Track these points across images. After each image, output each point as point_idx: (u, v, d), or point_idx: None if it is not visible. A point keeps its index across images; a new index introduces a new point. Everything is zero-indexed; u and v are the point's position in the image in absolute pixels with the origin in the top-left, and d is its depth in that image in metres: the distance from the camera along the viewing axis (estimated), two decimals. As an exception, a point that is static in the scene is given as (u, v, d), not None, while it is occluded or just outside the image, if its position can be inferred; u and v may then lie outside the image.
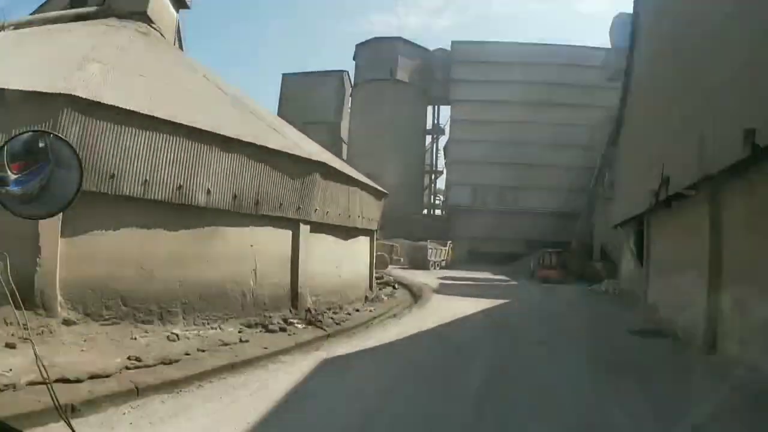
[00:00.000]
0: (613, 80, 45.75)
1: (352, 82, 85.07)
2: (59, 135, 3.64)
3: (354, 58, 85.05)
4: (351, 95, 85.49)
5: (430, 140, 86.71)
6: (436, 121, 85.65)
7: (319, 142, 52.35)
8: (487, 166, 67.89)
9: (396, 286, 28.15)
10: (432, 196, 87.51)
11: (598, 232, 48.61)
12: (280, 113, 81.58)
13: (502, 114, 68.13)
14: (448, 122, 74.85)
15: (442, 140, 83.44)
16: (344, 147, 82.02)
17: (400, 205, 62.45)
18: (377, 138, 74.90)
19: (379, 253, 35.20)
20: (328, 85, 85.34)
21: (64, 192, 3.29)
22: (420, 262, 49.45)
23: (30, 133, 3.59)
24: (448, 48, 75.87)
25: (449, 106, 75.04)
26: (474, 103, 70.49)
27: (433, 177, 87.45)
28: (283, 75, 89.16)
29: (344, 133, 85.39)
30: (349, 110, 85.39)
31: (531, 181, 67.35)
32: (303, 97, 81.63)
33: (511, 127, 67.40)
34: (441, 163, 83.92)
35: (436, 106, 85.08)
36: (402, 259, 47.79)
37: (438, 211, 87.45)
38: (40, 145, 3.22)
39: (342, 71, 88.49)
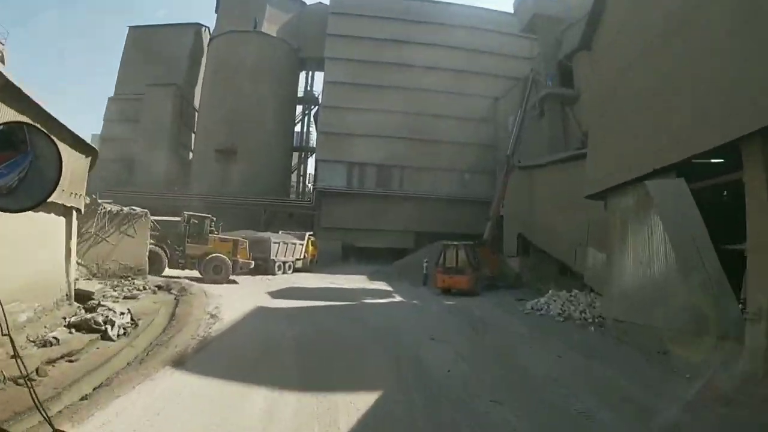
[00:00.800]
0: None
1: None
2: (37, 126, 3.45)
3: (216, 10, 69.92)
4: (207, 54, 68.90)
5: (301, 111, 70.64)
6: (309, 88, 69.19)
7: (161, 110, 38.41)
8: (367, 140, 54.65)
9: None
10: (301, 179, 70.93)
11: (513, 217, 36.70)
12: (123, 73, 68.10)
13: (387, 78, 56.21)
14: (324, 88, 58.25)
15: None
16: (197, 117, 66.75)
17: (262, 190, 55.75)
18: (233, 105, 59.89)
19: (153, 247, 29.06)
20: (179, 41, 70.38)
21: (42, 185, 3.23)
22: (261, 264, 34.15)
23: (7, 125, 3.50)
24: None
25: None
26: (354, 63, 56.90)
27: (303, 156, 70.96)
28: (130, 28, 73.28)
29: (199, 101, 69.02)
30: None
31: (422, 159, 54.97)
32: (150, 54, 67.52)
33: (397, 94, 55.44)
34: (314, 138, 67.73)
35: (311, 72, 68.84)
36: (253, 263, 32.36)
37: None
38: (19, 136, 3.16)
39: (199, 25, 73.43)
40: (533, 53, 51.30)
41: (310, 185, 65.40)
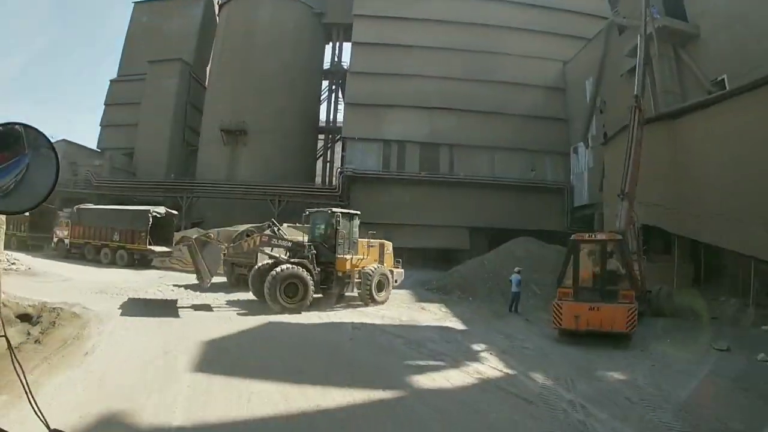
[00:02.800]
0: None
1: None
2: (34, 127, 2.91)
3: (227, -25, 57.78)
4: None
5: (327, 87, 57.62)
6: (336, 59, 56.78)
7: (165, 89, 29.33)
8: (406, 113, 43.06)
9: None
10: (328, 166, 58.65)
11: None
12: (127, 52, 61.07)
13: (429, 37, 44.09)
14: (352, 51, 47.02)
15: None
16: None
17: (277, 178, 44.18)
18: (243, 78, 48.80)
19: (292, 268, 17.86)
20: (188, 14, 60.42)
21: (39, 186, 2.89)
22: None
23: (4, 126, 2.97)
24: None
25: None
26: (388, 20, 45.32)
27: (330, 139, 58.43)
28: (135, 3, 63.57)
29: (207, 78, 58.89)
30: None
31: (476, 136, 43.18)
32: (156, 29, 59.48)
33: (443, 56, 43.62)
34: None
35: (339, 44, 56.12)
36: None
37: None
38: (15, 137, 2.83)
39: None
40: (605, 8, 39.30)
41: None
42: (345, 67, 53.78)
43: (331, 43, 56.79)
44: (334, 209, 20.87)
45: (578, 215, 39.71)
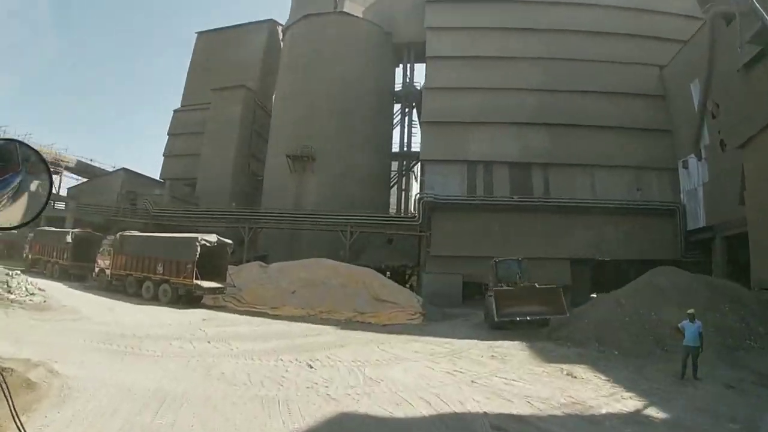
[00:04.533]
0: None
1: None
2: (28, 144, 3.15)
3: (290, -3, 54.55)
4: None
5: (400, 110, 51.82)
6: (407, 80, 50.91)
7: (229, 117, 31.40)
8: (491, 131, 37.16)
9: None
10: (404, 195, 52.79)
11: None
12: (190, 82, 59.83)
13: (512, 45, 38.65)
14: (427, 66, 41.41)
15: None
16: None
17: (355, 205, 39.18)
18: (310, 102, 43.70)
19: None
20: (251, 41, 57.38)
21: (32, 202, 3.07)
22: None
23: None
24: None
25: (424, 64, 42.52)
26: (464, 31, 40.16)
27: (404, 165, 52.31)
28: (198, 34, 62.72)
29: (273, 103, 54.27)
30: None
31: (571, 153, 36.23)
32: (219, 58, 57.31)
33: (528, 66, 37.95)
34: (418, 141, 50.16)
35: (409, 64, 50.32)
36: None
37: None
38: (9, 154, 3.03)
39: (273, 22, 59.31)
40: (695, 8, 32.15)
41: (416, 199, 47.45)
42: (417, 88, 48.46)
43: (401, 65, 51.01)
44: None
45: (693, 240, 32.65)
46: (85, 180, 51.30)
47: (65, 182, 51.83)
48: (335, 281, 25.38)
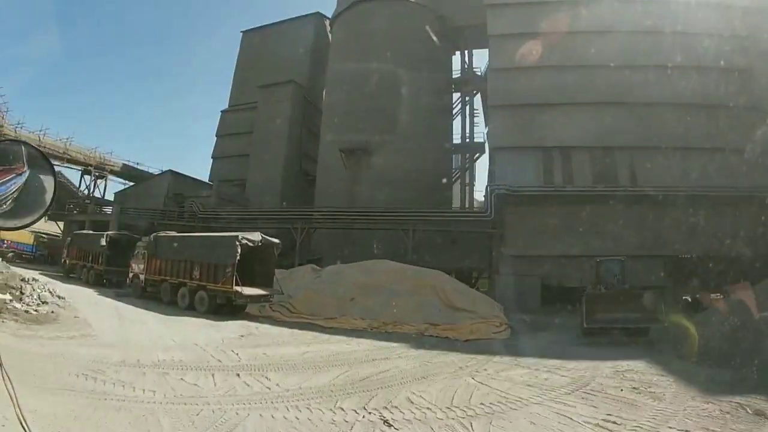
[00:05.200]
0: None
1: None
2: (33, 145, 3.38)
3: (337, -13, 51.44)
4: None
5: (460, 99, 47.50)
6: (466, 67, 46.75)
7: (279, 111, 28.88)
8: (567, 112, 32.16)
9: None
10: (467, 190, 48.22)
11: None
12: (237, 82, 57.41)
13: (586, 20, 33.08)
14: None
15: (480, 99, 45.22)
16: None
17: (415, 202, 34.98)
18: (362, 93, 40.21)
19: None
20: (298, 34, 53.94)
21: (37, 203, 3.12)
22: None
23: (2, 142, 3.65)
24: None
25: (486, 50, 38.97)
26: (528, 6, 35.06)
27: (468, 157, 47.61)
28: (243, 33, 60.29)
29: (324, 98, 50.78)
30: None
31: (659, 135, 30.55)
32: (266, 55, 54.32)
33: (606, 41, 32.11)
34: (481, 131, 46.00)
35: (467, 50, 46.11)
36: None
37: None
38: (15, 155, 3.06)
39: (320, 15, 55.45)
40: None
41: (480, 197, 42.72)
42: (478, 74, 44.12)
43: (458, 53, 46.94)
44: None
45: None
46: (131, 184, 48.76)
47: (112, 186, 49.94)
48: (401, 286, 21.27)
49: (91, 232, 31.93)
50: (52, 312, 15.16)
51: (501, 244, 30.14)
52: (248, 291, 18.82)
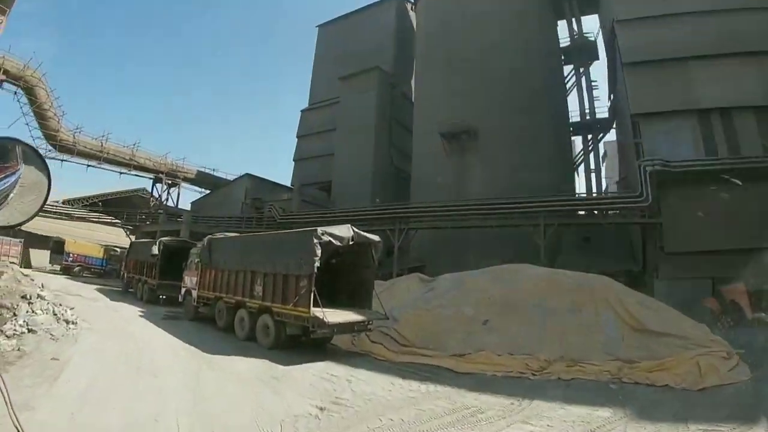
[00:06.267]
0: None
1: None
2: (27, 143, 3.42)
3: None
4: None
5: (573, 70, 39.63)
6: (575, 35, 38.84)
7: (364, 101, 34.58)
8: (720, 67, 23.59)
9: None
10: (593, 176, 39.43)
11: None
12: (315, 79, 52.90)
13: None
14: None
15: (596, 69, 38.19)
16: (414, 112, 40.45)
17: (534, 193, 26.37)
18: (461, 74, 33.38)
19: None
20: (378, 22, 48.76)
21: (30, 202, 3.10)
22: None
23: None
24: None
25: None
26: None
27: (590, 139, 39.53)
28: (319, 27, 56.01)
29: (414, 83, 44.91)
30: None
31: None
32: (345, 48, 49.27)
33: None
34: (602, 105, 38.44)
35: (573, 18, 38.68)
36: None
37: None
38: (8, 152, 3.01)
39: None
40: None
41: (609, 184, 34.33)
42: (591, 39, 36.35)
43: (561, 22, 38.96)
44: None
45: None
46: (207, 192, 44.09)
47: (189, 196, 45.90)
48: (555, 301, 13.98)
49: (146, 240, 26.96)
50: (18, 349, 9.86)
51: (659, 238, 22.23)
52: (334, 317, 12.09)
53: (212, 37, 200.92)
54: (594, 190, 37.06)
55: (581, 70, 38.64)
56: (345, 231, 13.21)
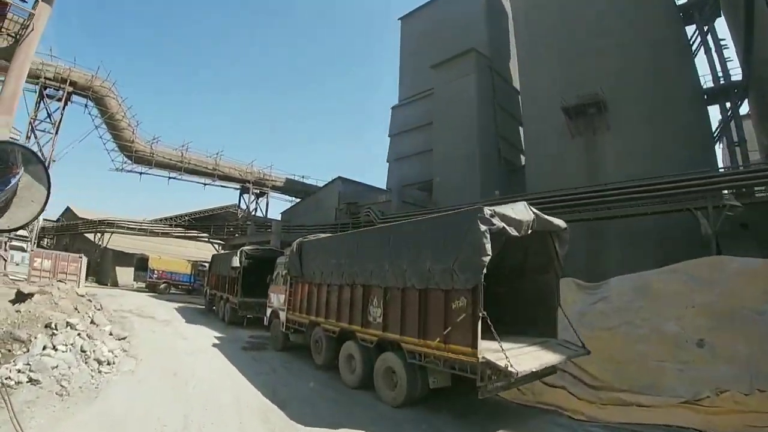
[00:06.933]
0: None
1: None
2: (27, 146, 3.13)
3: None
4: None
5: (697, 30, 32.33)
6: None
7: (462, 88, 29.71)
8: None
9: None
10: (736, 149, 31.86)
11: None
12: (404, 74, 47.57)
13: None
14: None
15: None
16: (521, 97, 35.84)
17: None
18: (571, 44, 28.41)
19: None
20: (464, 3, 42.51)
21: (30, 206, 3.05)
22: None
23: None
24: None
25: None
26: None
27: (729, 109, 31.51)
28: (401, 20, 50.72)
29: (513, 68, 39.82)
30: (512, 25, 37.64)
31: None
32: (433, 36, 44.06)
33: None
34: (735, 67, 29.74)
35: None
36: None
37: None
38: (10, 157, 2.97)
39: None
40: None
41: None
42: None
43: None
44: None
45: None
46: (297, 201, 40.75)
47: (278, 206, 42.78)
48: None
49: (229, 251, 24.15)
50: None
51: None
52: (525, 362, 7.15)
53: (290, 39, 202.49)
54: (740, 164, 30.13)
55: (705, 28, 31.84)
56: (522, 212, 8.24)
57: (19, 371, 8.06)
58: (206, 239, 41.93)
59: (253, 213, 41.90)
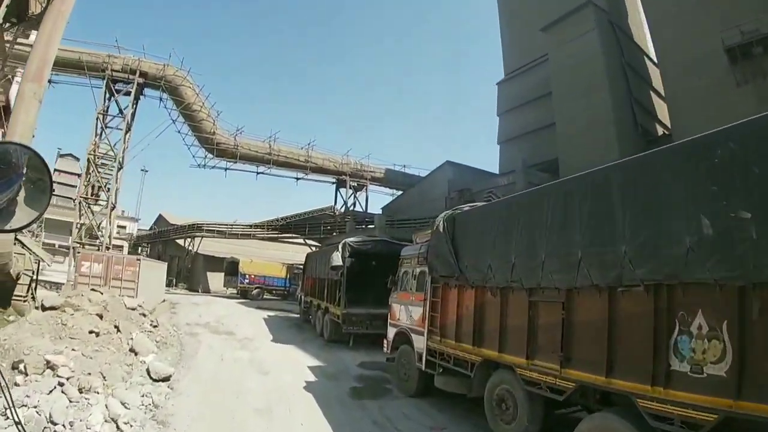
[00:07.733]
0: None
1: None
2: (29, 146, 2.79)
3: None
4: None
5: None
6: None
7: (581, 50, 26.58)
8: None
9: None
10: None
11: None
12: (506, 43, 42.16)
13: None
14: None
15: None
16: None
17: None
18: None
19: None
20: None
21: (32, 206, 2.69)
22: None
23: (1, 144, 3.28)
24: None
25: None
26: None
27: None
28: None
29: (634, 24, 34.72)
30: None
31: None
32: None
33: None
34: None
35: None
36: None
37: None
38: (11, 156, 2.68)
39: None
40: None
41: None
42: None
43: None
44: None
45: None
46: (399, 193, 37.31)
47: (378, 200, 39.50)
48: None
49: (327, 247, 21.01)
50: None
51: None
52: None
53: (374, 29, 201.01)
54: None
55: None
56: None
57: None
58: (301, 241, 38.95)
59: (351, 208, 38.96)
